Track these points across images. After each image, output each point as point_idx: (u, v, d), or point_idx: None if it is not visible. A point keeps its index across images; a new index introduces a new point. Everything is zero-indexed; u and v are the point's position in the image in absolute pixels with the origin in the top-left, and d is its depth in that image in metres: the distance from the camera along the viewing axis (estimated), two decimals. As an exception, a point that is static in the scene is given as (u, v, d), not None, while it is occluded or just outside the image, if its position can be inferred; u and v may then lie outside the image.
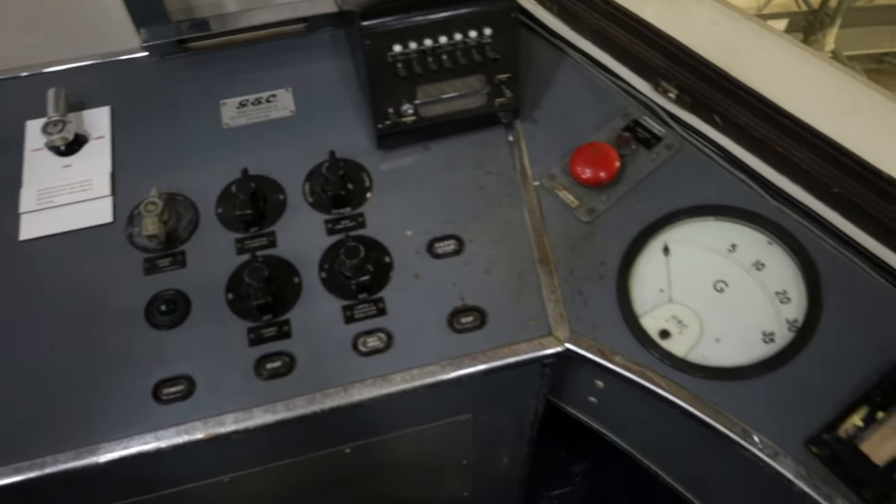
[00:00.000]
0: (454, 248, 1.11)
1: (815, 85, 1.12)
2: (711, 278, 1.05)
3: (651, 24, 1.21)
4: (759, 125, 1.13)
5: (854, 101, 1.09)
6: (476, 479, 1.48)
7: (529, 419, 1.24)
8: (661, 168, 1.15)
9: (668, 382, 0.98)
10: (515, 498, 1.69)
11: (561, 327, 1.04)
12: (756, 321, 1.00)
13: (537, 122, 1.24)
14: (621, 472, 1.76)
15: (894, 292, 0.98)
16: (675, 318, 1.02)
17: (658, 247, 1.09)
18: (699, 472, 1.16)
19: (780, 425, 0.92)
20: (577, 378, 1.15)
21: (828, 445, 0.88)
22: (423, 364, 1.01)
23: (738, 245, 1.06)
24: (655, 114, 1.21)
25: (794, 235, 1.04)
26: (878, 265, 0.99)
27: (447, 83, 1.14)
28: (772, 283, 1.02)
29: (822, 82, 1.12)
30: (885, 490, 0.85)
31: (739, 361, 0.98)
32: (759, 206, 1.09)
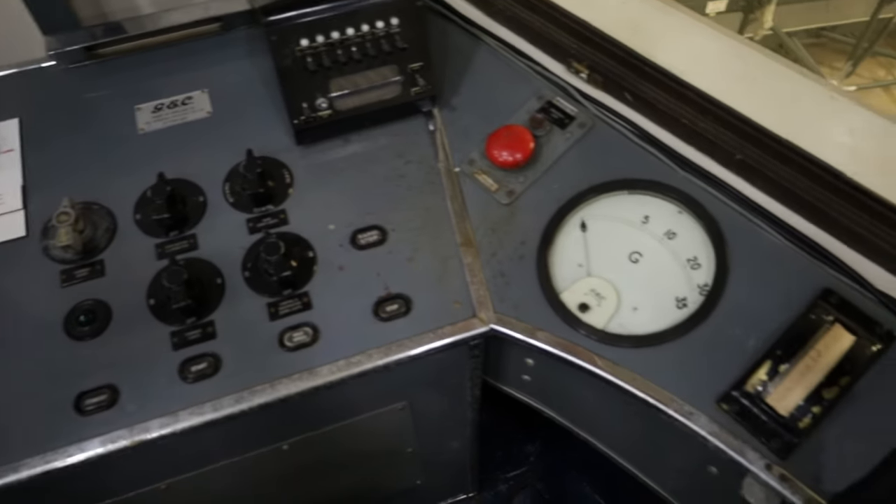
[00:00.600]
0: (377, 238, 1.12)
1: (716, 58, 1.16)
2: (627, 250, 1.08)
3: (561, 7, 1.24)
4: (666, 99, 1.16)
5: (752, 70, 1.14)
6: (427, 467, 1.49)
7: (468, 402, 1.26)
8: (575, 146, 1.18)
9: (588, 354, 1.01)
10: (471, 482, 1.71)
11: (484, 308, 1.06)
12: (670, 288, 1.04)
13: (456, 108, 1.26)
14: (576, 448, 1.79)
15: (794, 250, 1.02)
16: (594, 291, 1.05)
17: (575, 223, 1.11)
18: (632, 441, 1.19)
19: (693, 386, 0.95)
20: (509, 358, 1.17)
21: (737, 401, 0.92)
22: (350, 355, 1.01)
23: (650, 216, 1.10)
24: (569, 94, 1.23)
25: (701, 203, 1.08)
26: (778, 224, 1.03)
27: (360, 75, 1.14)
28: (683, 251, 1.06)
29: (722, 55, 1.16)
30: (791, 439, 0.89)
31: (655, 328, 1.01)
32: (669, 177, 1.12)
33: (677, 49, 1.18)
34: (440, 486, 1.68)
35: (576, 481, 1.82)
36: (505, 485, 1.83)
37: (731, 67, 1.14)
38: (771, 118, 1.08)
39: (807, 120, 1.07)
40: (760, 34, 5.08)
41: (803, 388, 0.89)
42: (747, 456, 0.90)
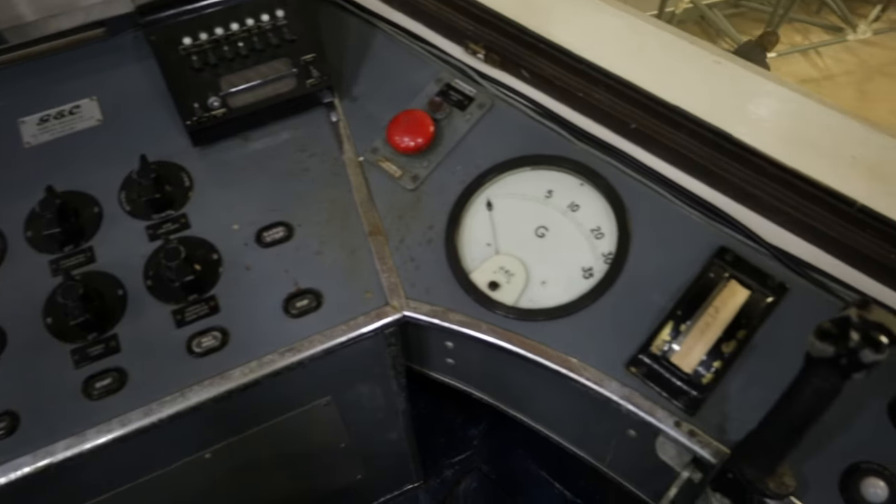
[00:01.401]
0: (283, 234, 1.10)
1: (607, 31, 1.17)
2: (533, 226, 1.09)
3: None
4: (562, 74, 1.18)
5: (643, 41, 1.16)
6: (365, 460, 1.49)
7: (396, 391, 1.25)
8: (476, 127, 1.18)
9: (501, 331, 1.01)
10: (415, 472, 1.71)
11: (396, 296, 1.05)
12: (576, 259, 1.05)
13: (357, 98, 1.25)
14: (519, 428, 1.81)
15: (690, 212, 1.05)
16: (503, 268, 1.06)
17: (481, 203, 1.12)
18: (560, 416, 1.21)
19: (603, 353, 0.97)
20: (430, 343, 1.17)
21: (645, 364, 0.94)
22: (261, 355, 1.00)
23: (553, 190, 1.11)
24: (467, 75, 1.23)
25: (601, 174, 1.10)
26: (674, 188, 1.06)
27: (251, 70, 1.12)
28: (587, 222, 1.07)
29: (614, 27, 1.18)
30: (697, 395, 0.91)
31: (564, 300, 1.02)
32: (569, 150, 1.13)
33: (571, 25, 1.19)
34: (384, 479, 1.68)
35: (521, 459, 1.85)
36: (450, 470, 1.84)
37: (623, 40, 1.16)
38: (662, 86, 1.11)
39: (694, 86, 1.10)
40: (681, 7, 5.21)
41: (704, 345, 0.91)
42: (657, 415, 0.92)
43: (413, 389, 1.38)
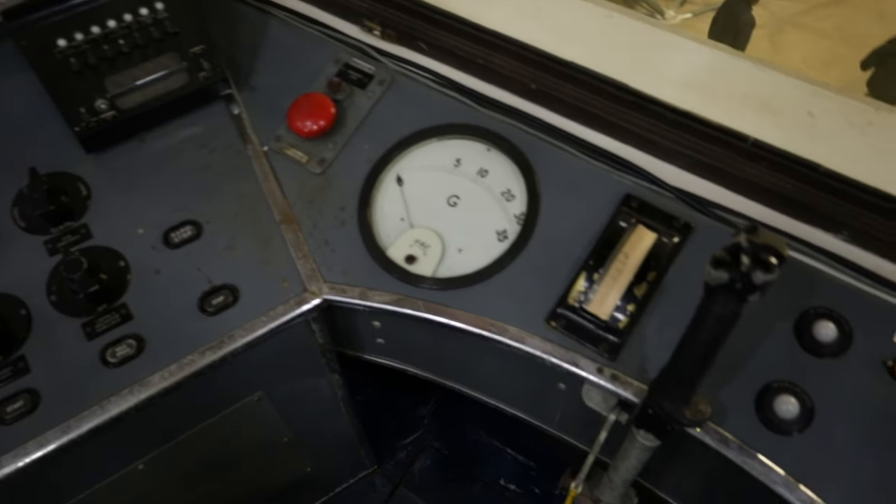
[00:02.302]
0: (192, 233, 1.07)
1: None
2: (444, 195, 1.09)
3: (342, -33, 1.22)
4: (460, 43, 1.17)
5: (537, 2, 1.16)
6: (312, 452, 1.47)
7: (329, 378, 1.24)
8: (379, 104, 1.17)
9: (422, 303, 1.01)
10: (367, 458, 1.71)
11: (314, 281, 1.04)
12: (489, 223, 1.06)
13: (256, 88, 1.22)
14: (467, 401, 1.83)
15: (595, 165, 1.07)
16: (419, 241, 1.05)
17: (391, 179, 1.11)
18: (497, 381, 1.21)
19: (523, 311, 0.98)
20: (357, 325, 1.17)
21: (563, 316, 0.95)
22: (180, 357, 0.97)
23: (461, 159, 1.11)
24: (366, 53, 1.22)
25: (507, 137, 1.10)
26: (578, 143, 1.07)
27: (137, 68, 1.08)
28: (497, 186, 1.08)
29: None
30: (615, 340, 0.93)
31: (482, 264, 1.03)
32: (474, 117, 1.13)
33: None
34: (336, 469, 1.67)
35: (472, 432, 1.86)
36: (403, 452, 1.84)
37: (517, 3, 1.17)
38: (558, 45, 1.12)
39: (588, 40, 1.11)
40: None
41: (617, 291, 0.93)
42: (580, 365, 0.94)
43: (357, 376, 1.37)
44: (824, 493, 0.83)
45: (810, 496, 0.83)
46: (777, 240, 0.68)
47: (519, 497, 1.76)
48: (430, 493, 1.78)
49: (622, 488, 0.96)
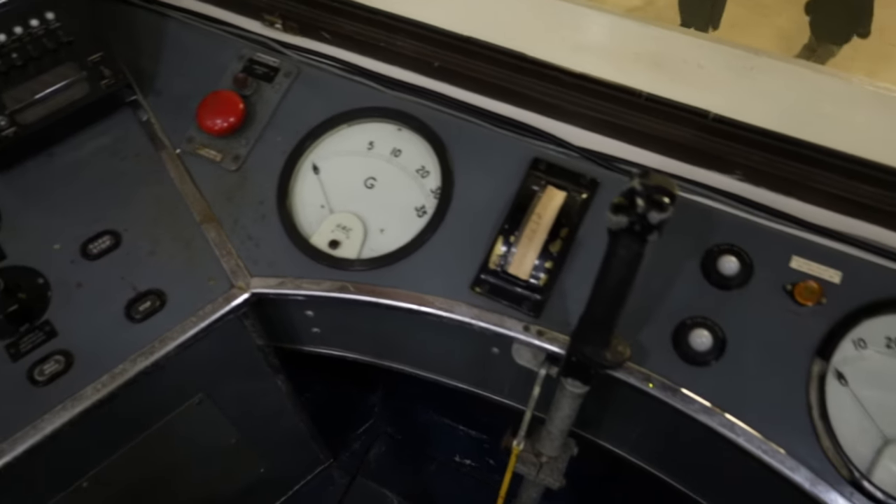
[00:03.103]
0: (111, 243, 1.06)
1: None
2: (361, 178, 1.11)
3: (236, -37, 1.21)
4: (362, 28, 1.19)
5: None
6: (263, 452, 1.47)
7: (270, 374, 1.25)
8: (287, 96, 1.18)
9: (350, 286, 1.03)
10: (321, 452, 1.71)
11: (241, 276, 1.05)
12: (407, 201, 1.08)
13: (162, 92, 1.21)
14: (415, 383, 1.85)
15: (503, 133, 1.10)
16: (340, 226, 1.07)
17: (308, 168, 1.12)
18: (438, 356, 1.24)
19: (448, 282, 1.01)
20: (291, 316, 1.18)
21: (486, 282, 0.99)
22: (112, 367, 0.97)
23: (374, 141, 1.13)
24: (270, 48, 1.22)
25: (416, 116, 1.13)
26: (484, 114, 1.11)
27: (34, 82, 1.06)
28: (411, 164, 1.10)
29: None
30: (537, 297, 0.97)
31: (404, 241, 1.05)
32: (382, 100, 1.15)
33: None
34: (291, 467, 1.67)
35: (423, 413, 1.89)
36: (357, 442, 1.86)
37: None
38: (456, 21, 1.15)
39: (484, 15, 1.15)
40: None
41: (534, 250, 0.97)
42: (507, 325, 0.97)
43: (304, 372, 1.38)
44: (742, 415, 0.89)
45: (730, 420, 0.89)
46: (667, 181, 0.73)
47: (475, 470, 1.80)
48: (387, 478, 1.81)
49: (560, 439, 1.00)
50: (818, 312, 0.92)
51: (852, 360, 0.91)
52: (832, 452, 0.86)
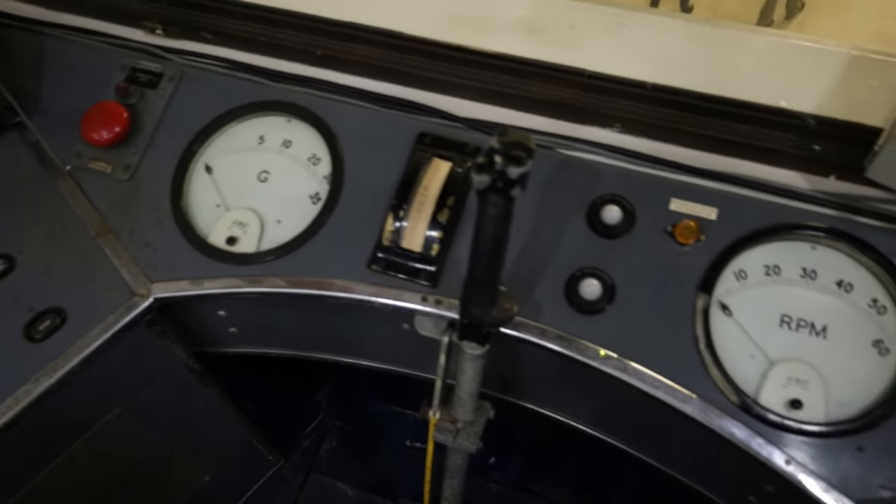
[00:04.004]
0: (4, 267, 1.05)
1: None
2: (254, 173, 1.11)
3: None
4: (242, 25, 1.20)
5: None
6: (203, 461, 1.47)
7: (193, 381, 1.24)
8: (174, 100, 1.17)
9: (252, 279, 1.03)
10: (270, 455, 1.71)
11: (141, 283, 1.04)
12: (301, 190, 1.09)
13: (46, 110, 1.20)
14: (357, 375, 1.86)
15: (388, 112, 1.12)
16: (237, 222, 1.07)
17: (200, 169, 1.12)
18: (357, 342, 1.25)
19: (345, 263, 1.02)
20: (202, 320, 1.18)
21: (382, 259, 1.00)
22: (14, 390, 0.96)
23: (264, 135, 1.13)
24: (151, 54, 1.22)
25: (303, 106, 1.13)
26: (368, 96, 1.12)
27: None
28: (302, 153, 1.11)
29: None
30: (432, 268, 0.99)
31: (301, 229, 1.06)
32: (268, 93, 1.16)
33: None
34: (239, 472, 1.67)
35: (370, 403, 1.90)
36: (307, 440, 1.86)
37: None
38: (333, 8, 1.16)
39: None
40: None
41: (424, 222, 0.99)
42: (405, 298, 0.99)
43: (246, 377, 1.38)
44: (634, 356, 0.92)
45: (623, 362, 0.92)
46: (524, 136, 0.74)
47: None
48: (341, 471, 1.82)
49: (471, 403, 1.02)
50: (698, 249, 0.96)
51: (735, 290, 0.95)
52: (721, 381, 0.90)
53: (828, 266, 0.95)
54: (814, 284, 0.94)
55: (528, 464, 1.83)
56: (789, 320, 0.93)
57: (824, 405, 0.88)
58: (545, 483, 1.80)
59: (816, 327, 0.92)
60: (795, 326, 0.93)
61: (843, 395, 0.89)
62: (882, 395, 0.88)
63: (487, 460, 1.84)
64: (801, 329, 0.92)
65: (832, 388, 0.89)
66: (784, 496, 0.90)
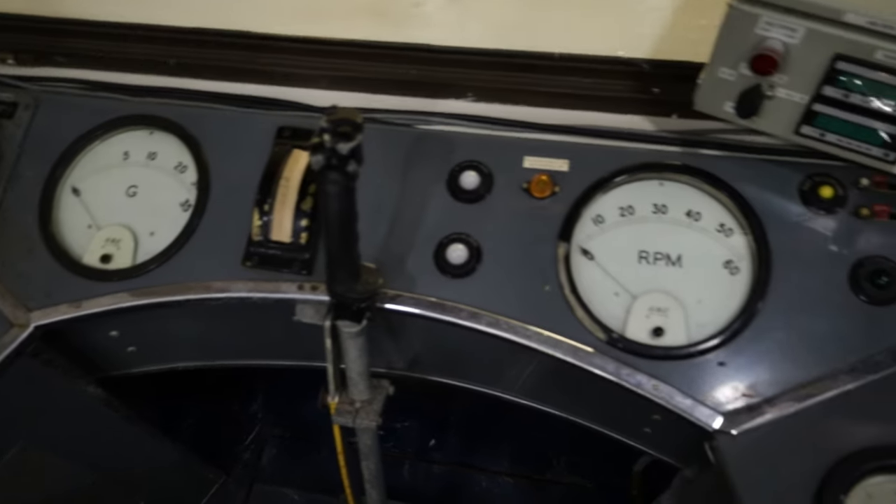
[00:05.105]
0: None
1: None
2: (122, 189, 1.11)
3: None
4: (93, 44, 1.21)
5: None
6: (133, 487, 1.46)
7: (98, 409, 1.24)
8: (31, 128, 1.16)
9: (130, 293, 1.04)
10: (209, 472, 1.71)
11: (19, 313, 1.04)
12: (171, 200, 1.10)
13: None
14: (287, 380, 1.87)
15: (248, 112, 1.13)
16: (109, 240, 1.08)
17: (67, 193, 1.12)
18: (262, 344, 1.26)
19: (223, 263, 1.03)
20: (96, 343, 1.17)
21: (254, 254, 1.02)
22: None
23: (129, 150, 1.14)
24: (5, 84, 1.20)
25: (163, 116, 1.13)
26: (227, 98, 1.13)
27: None
28: (168, 163, 1.12)
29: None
30: (304, 256, 1.01)
31: (174, 236, 1.06)
32: (128, 109, 1.16)
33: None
34: (179, 494, 1.66)
35: (303, 405, 1.90)
36: (247, 452, 1.86)
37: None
38: (180, 16, 1.17)
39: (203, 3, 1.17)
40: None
41: (289, 212, 1.00)
42: (283, 289, 1.01)
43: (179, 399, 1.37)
44: (505, 311, 0.96)
45: (495, 318, 0.95)
46: (351, 112, 0.77)
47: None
48: (284, 478, 1.82)
49: (363, 381, 1.04)
50: (555, 201, 1.00)
51: (594, 235, 0.99)
52: (588, 321, 0.94)
53: (676, 199, 1.00)
54: (665, 218, 0.99)
55: (467, 440, 1.86)
56: (647, 255, 0.98)
57: (685, 328, 0.93)
58: (485, 457, 1.83)
59: (672, 258, 0.97)
60: (653, 260, 0.97)
61: (702, 316, 0.94)
62: (737, 310, 0.93)
63: (428, 443, 1.87)
64: (658, 261, 0.97)
65: (691, 312, 0.94)
66: (669, 422, 0.94)
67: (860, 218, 0.95)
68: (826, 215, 0.95)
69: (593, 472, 1.75)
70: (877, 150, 0.86)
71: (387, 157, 1.06)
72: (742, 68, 0.86)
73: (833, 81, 0.82)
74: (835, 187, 0.95)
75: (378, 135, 1.08)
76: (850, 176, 0.96)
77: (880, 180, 0.96)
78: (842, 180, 0.96)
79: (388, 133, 1.09)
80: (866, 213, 0.94)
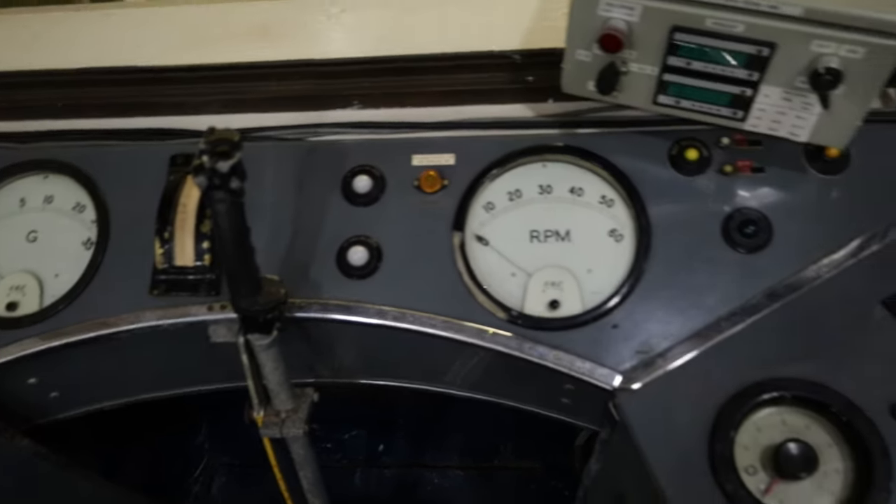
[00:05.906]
0: None
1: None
2: (22, 236, 1.11)
3: None
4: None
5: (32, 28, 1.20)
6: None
7: (27, 459, 1.22)
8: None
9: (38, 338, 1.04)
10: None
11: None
12: (73, 240, 1.10)
13: None
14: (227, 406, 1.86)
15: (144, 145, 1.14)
16: (14, 287, 1.08)
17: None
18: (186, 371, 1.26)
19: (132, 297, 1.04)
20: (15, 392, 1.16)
21: (161, 282, 1.04)
22: None
23: (25, 197, 1.14)
24: None
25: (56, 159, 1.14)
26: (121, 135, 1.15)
27: None
28: (65, 205, 1.12)
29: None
30: (211, 276, 1.03)
31: (79, 276, 1.07)
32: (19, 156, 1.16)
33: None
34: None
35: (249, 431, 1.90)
36: (197, 484, 1.85)
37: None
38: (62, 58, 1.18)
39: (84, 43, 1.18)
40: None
41: (189, 237, 1.03)
42: (192, 312, 1.03)
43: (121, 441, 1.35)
44: (411, 304, 1.00)
45: (401, 312, 0.99)
46: (227, 132, 0.80)
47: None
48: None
49: (284, 391, 1.06)
50: (445, 194, 1.05)
51: (486, 221, 1.04)
52: (488, 303, 0.98)
53: (559, 178, 1.05)
54: (551, 198, 1.05)
55: (415, 440, 1.89)
56: (538, 234, 1.03)
57: (580, 298, 0.99)
58: (435, 453, 1.87)
59: (561, 233, 1.03)
60: (544, 238, 1.03)
61: (594, 285, 1.00)
62: (624, 275, 0.99)
63: (377, 449, 1.90)
64: (549, 239, 1.03)
65: (583, 281, 1.00)
66: (580, 389, 1.00)
67: (725, 175, 1.02)
68: (695, 176, 1.02)
69: (540, 453, 1.80)
70: (726, 110, 0.93)
71: (282, 172, 1.09)
72: (595, 49, 0.92)
73: (675, 51, 0.89)
74: (699, 149, 1.02)
75: (271, 152, 1.11)
76: (712, 137, 1.03)
77: (740, 138, 1.03)
78: (706, 142, 1.03)
79: (281, 148, 1.12)
80: (730, 169, 1.02)
